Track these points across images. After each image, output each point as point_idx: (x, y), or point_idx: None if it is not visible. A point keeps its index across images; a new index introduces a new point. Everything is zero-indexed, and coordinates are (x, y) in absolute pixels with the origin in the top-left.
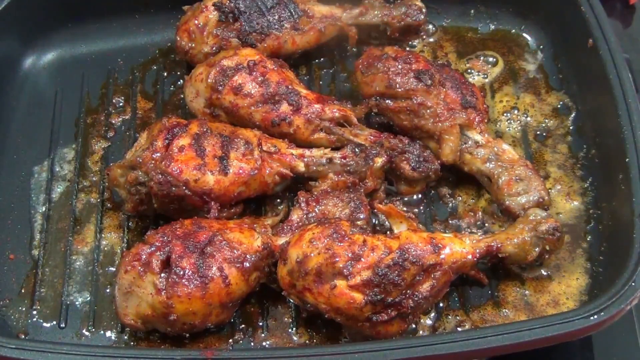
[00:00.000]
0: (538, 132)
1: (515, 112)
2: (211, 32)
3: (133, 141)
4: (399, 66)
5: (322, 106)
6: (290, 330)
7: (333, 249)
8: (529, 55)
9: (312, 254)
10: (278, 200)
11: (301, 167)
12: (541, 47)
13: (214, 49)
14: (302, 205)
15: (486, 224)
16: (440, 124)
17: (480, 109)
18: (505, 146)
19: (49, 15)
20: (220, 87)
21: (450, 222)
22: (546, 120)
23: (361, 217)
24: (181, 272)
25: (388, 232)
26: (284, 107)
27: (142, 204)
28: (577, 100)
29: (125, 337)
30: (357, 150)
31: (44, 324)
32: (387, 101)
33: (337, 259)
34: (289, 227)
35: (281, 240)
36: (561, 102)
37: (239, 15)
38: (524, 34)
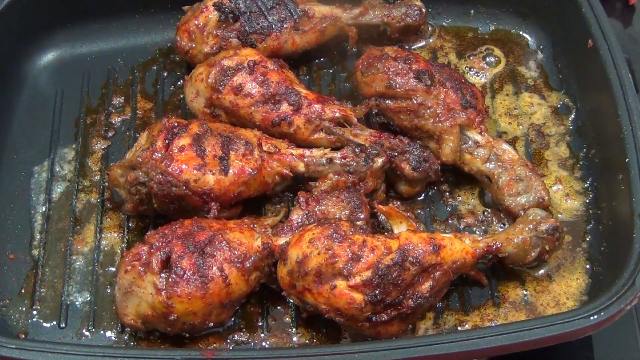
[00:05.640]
0: (538, 132)
1: (515, 112)
2: (211, 32)
3: (133, 141)
4: (399, 66)
5: (322, 106)
6: (290, 330)
7: (333, 249)
8: (529, 55)
9: (312, 254)
10: (278, 200)
11: (301, 167)
12: (541, 47)
13: (214, 49)
14: (302, 205)
15: (486, 224)
16: (440, 124)
17: (480, 109)
18: (506, 146)
19: (49, 15)
20: (220, 87)
21: (450, 222)
22: (546, 120)
23: (361, 217)
24: (181, 272)
25: (387, 232)
26: (284, 107)
27: (142, 204)
28: (577, 100)
29: (125, 337)
30: (357, 150)
31: (44, 324)
32: (387, 101)
33: (337, 259)
34: (289, 227)
35: (281, 240)
36: (561, 102)
37: (239, 15)
38: (524, 34)
